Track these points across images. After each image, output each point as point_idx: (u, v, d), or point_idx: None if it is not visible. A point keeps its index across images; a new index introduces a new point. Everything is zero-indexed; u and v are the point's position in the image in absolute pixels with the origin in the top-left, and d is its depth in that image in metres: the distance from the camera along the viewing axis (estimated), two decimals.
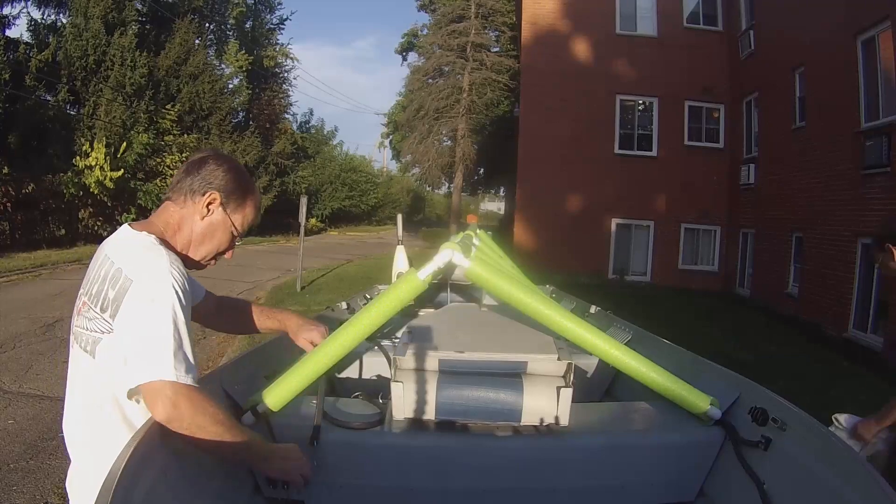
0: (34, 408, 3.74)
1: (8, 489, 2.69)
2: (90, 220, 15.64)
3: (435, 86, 25.10)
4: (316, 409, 1.55)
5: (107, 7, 16.66)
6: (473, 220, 3.66)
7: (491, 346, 1.62)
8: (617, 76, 13.28)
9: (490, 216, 43.32)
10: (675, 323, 7.48)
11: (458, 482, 1.51)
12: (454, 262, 1.58)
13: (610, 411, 1.70)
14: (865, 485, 1.04)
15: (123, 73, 16.68)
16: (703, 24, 13.25)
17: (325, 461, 1.50)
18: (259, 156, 22.52)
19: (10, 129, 14.11)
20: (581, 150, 13.21)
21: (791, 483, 1.26)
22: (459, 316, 2.21)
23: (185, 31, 19.48)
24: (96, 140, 15.12)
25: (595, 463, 1.52)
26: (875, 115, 7.67)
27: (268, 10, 27.40)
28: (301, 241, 9.81)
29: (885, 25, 7.41)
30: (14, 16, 15.75)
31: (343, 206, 33.29)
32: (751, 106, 12.04)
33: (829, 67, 8.72)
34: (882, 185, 7.37)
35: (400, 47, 29.22)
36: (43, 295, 7.67)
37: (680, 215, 13.11)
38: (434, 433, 1.52)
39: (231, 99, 22.50)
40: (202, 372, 1.26)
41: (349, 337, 1.61)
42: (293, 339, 1.71)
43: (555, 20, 13.70)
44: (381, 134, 37.26)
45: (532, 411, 1.47)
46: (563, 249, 13.01)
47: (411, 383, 1.48)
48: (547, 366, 1.50)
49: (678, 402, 1.55)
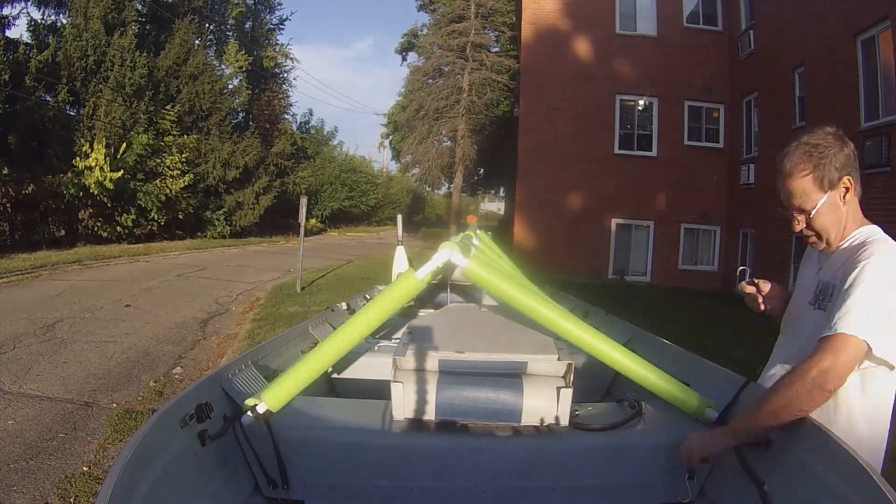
0: (34, 408, 3.74)
1: (8, 489, 2.69)
2: (90, 221, 15.63)
3: (435, 86, 25.08)
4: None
5: (107, 7, 16.65)
6: (473, 221, 3.67)
7: (491, 346, 1.62)
8: (617, 76, 13.28)
9: (490, 216, 43.31)
10: (675, 323, 7.48)
11: (458, 482, 1.51)
12: (452, 261, 1.58)
13: (610, 411, 1.70)
14: (865, 485, 1.04)
15: (123, 74, 16.67)
16: (702, 23, 13.26)
17: (326, 461, 1.50)
18: (259, 156, 22.51)
19: (9, 130, 14.10)
20: (581, 150, 13.21)
21: (791, 483, 1.26)
22: (459, 316, 2.21)
23: (185, 32, 19.46)
24: (96, 141, 15.11)
25: (595, 463, 1.52)
26: (875, 114, 7.67)
27: (267, 11, 27.43)
28: (301, 241, 9.80)
29: (884, 25, 7.41)
30: (14, 16, 15.74)
31: (343, 207, 33.28)
32: (751, 106, 12.04)
33: (828, 67, 8.72)
34: (882, 184, 7.37)
35: (400, 47, 29.21)
36: (43, 296, 7.67)
37: (680, 215, 13.11)
38: (434, 433, 1.52)
39: (231, 99, 22.49)
40: (202, 372, 1.26)
41: (348, 337, 1.62)
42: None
43: (555, 20, 13.71)
44: (381, 134, 37.23)
45: (532, 411, 1.47)
46: (563, 249, 13.02)
47: (411, 383, 1.48)
48: (547, 366, 1.50)
49: (675, 404, 1.55)
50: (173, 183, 17.74)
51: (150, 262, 12.79)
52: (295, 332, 2.45)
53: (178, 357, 5.26)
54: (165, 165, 17.74)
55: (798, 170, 1.38)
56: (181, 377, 4.63)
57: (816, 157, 1.36)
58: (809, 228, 1.43)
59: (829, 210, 1.39)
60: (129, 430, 3.38)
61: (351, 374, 2.18)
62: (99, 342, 5.50)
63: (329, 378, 2.18)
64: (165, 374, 4.69)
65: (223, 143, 20.76)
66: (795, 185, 1.40)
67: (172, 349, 5.50)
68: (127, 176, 15.83)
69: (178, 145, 18.50)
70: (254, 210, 22.25)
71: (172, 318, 6.82)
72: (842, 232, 1.41)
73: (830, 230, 1.41)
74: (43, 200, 14.07)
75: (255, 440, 1.47)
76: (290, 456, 1.48)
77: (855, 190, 1.40)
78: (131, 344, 5.54)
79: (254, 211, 22.25)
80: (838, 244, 1.42)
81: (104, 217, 16.01)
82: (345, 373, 2.18)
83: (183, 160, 18.35)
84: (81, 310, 6.88)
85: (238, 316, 7.36)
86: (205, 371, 4.72)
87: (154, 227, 17.77)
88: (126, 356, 5.12)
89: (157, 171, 17.57)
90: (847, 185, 1.38)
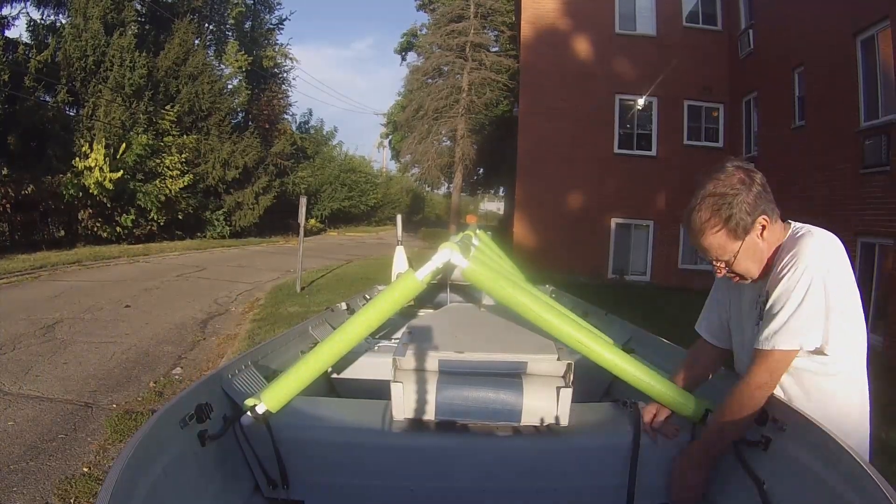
0: (34, 409, 3.73)
1: (8, 490, 2.69)
2: (89, 222, 15.63)
3: (434, 86, 25.09)
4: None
5: (106, 7, 16.64)
6: (473, 221, 3.67)
7: (491, 346, 1.62)
8: (617, 76, 13.28)
9: (490, 216, 43.34)
10: (675, 323, 7.48)
11: (458, 482, 1.51)
12: (452, 262, 1.58)
13: (610, 411, 1.70)
14: (865, 485, 1.04)
15: (122, 74, 16.66)
16: (702, 23, 13.27)
17: (326, 461, 1.50)
18: (258, 156, 22.51)
19: (9, 131, 14.10)
20: (581, 149, 13.22)
21: (791, 483, 1.26)
22: (459, 316, 2.21)
23: (185, 32, 19.45)
24: (95, 141, 15.11)
25: (595, 463, 1.52)
26: (874, 114, 7.67)
27: (267, 11, 27.44)
28: (300, 241, 9.80)
29: (884, 25, 7.41)
30: (13, 16, 15.73)
31: (342, 207, 33.27)
32: (750, 105, 12.05)
33: (828, 67, 8.72)
34: (881, 184, 7.37)
35: (399, 47, 29.25)
36: (42, 296, 7.67)
37: (680, 215, 12.96)
38: (434, 433, 1.52)
39: (230, 99, 22.48)
40: (202, 372, 1.26)
41: (348, 337, 1.62)
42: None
43: (554, 20, 13.71)
44: (381, 134, 37.26)
45: (532, 411, 1.47)
46: (562, 249, 13.02)
47: (411, 383, 1.48)
48: (547, 366, 1.50)
49: (674, 408, 1.55)
50: (173, 183, 17.73)
51: (149, 263, 12.79)
52: (295, 333, 2.45)
53: (177, 357, 5.26)
54: (165, 165, 17.74)
55: (709, 226, 1.34)
56: (181, 378, 4.63)
57: (726, 209, 1.31)
58: (731, 272, 1.40)
59: (749, 253, 1.35)
60: (129, 431, 3.38)
61: (351, 374, 2.18)
62: (99, 343, 5.50)
63: (329, 378, 2.18)
64: (165, 375, 4.69)
65: (223, 143, 20.76)
66: (708, 242, 1.36)
67: (172, 350, 5.50)
68: (126, 176, 15.83)
69: (178, 145, 18.50)
70: (253, 210, 22.24)
71: (172, 319, 6.82)
72: (764, 262, 1.38)
73: (753, 268, 1.38)
74: (42, 201, 14.07)
75: (255, 440, 1.47)
76: (290, 456, 1.48)
77: (774, 221, 1.36)
78: (131, 344, 5.54)
79: (253, 211, 22.24)
80: (767, 269, 1.38)
81: (104, 217, 16.01)
82: (345, 373, 2.18)
83: (182, 160, 18.34)
84: (81, 310, 6.88)
85: (238, 316, 7.36)
86: (205, 371, 4.72)
87: (154, 228, 17.77)
88: (126, 357, 5.12)
89: (156, 172, 17.56)
90: (763, 223, 1.34)
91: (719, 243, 1.35)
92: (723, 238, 1.34)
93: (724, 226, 1.32)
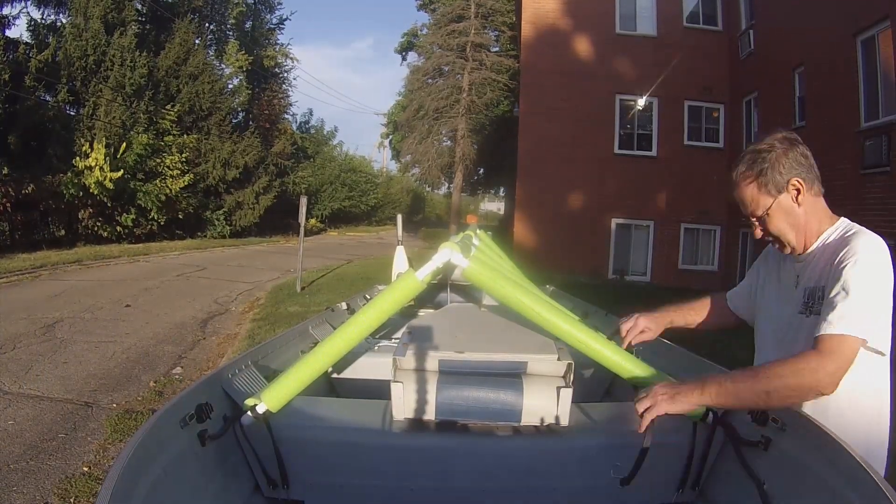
0: (34, 409, 3.74)
1: (8, 490, 2.69)
2: (90, 221, 15.63)
3: (434, 86, 25.08)
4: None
5: (106, 7, 16.65)
6: (473, 221, 3.66)
7: (491, 346, 1.62)
8: (617, 76, 13.28)
9: (490, 216, 43.34)
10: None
11: (458, 482, 1.51)
12: (452, 261, 1.58)
13: (610, 411, 1.70)
14: (865, 485, 1.04)
15: (123, 74, 16.67)
16: (702, 23, 13.26)
17: (326, 461, 1.50)
18: (259, 156, 22.52)
19: (9, 130, 14.11)
20: (581, 149, 13.21)
21: (791, 483, 1.26)
22: (459, 316, 2.20)
23: (185, 31, 19.46)
24: (96, 140, 15.12)
25: (595, 463, 1.52)
26: (875, 114, 7.67)
27: (267, 11, 27.43)
28: (301, 241, 9.80)
29: (884, 25, 7.41)
30: (14, 16, 15.74)
31: (343, 207, 33.27)
32: (750, 105, 12.04)
33: (828, 67, 8.72)
34: (882, 184, 7.37)
35: (399, 47, 29.25)
36: (43, 296, 7.67)
37: (680, 215, 13.11)
38: (434, 433, 1.52)
39: (231, 99, 22.50)
40: (202, 372, 1.26)
41: (348, 337, 1.61)
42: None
43: (555, 20, 13.71)
44: (381, 134, 37.29)
45: (532, 411, 1.47)
46: (563, 249, 13.02)
47: (411, 383, 1.48)
48: (547, 366, 1.50)
49: None
50: (173, 183, 17.74)
51: (149, 262, 12.80)
52: (295, 332, 2.45)
53: (178, 357, 5.27)
54: (165, 165, 17.75)
55: (742, 178, 1.41)
56: (181, 377, 4.63)
57: (760, 164, 1.38)
58: (767, 234, 1.44)
59: (782, 213, 1.39)
60: (129, 430, 3.38)
61: (351, 374, 2.18)
62: (99, 342, 5.50)
63: (329, 378, 2.18)
64: (165, 375, 4.69)
65: (223, 142, 20.76)
66: (743, 193, 1.42)
67: (172, 349, 5.51)
68: (127, 176, 15.84)
69: (178, 145, 18.51)
70: (254, 210, 22.24)
71: (172, 318, 6.82)
72: (804, 234, 1.40)
73: (787, 233, 1.40)
74: (43, 200, 14.08)
75: (255, 440, 1.47)
76: (290, 456, 1.48)
77: (811, 190, 1.39)
78: (131, 344, 5.54)
79: (254, 211, 22.24)
80: (806, 246, 1.41)
81: (104, 217, 16.02)
82: (345, 373, 2.18)
83: (183, 160, 18.35)
84: (81, 310, 6.88)
85: (238, 316, 7.36)
86: (205, 371, 4.73)
87: (154, 227, 17.77)
88: (126, 356, 5.12)
89: (156, 171, 17.58)
90: (797, 185, 1.37)
91: (751, 195, 1.40)
92: (754, 191, 1.40)
93: (756, 179, 1.39)
